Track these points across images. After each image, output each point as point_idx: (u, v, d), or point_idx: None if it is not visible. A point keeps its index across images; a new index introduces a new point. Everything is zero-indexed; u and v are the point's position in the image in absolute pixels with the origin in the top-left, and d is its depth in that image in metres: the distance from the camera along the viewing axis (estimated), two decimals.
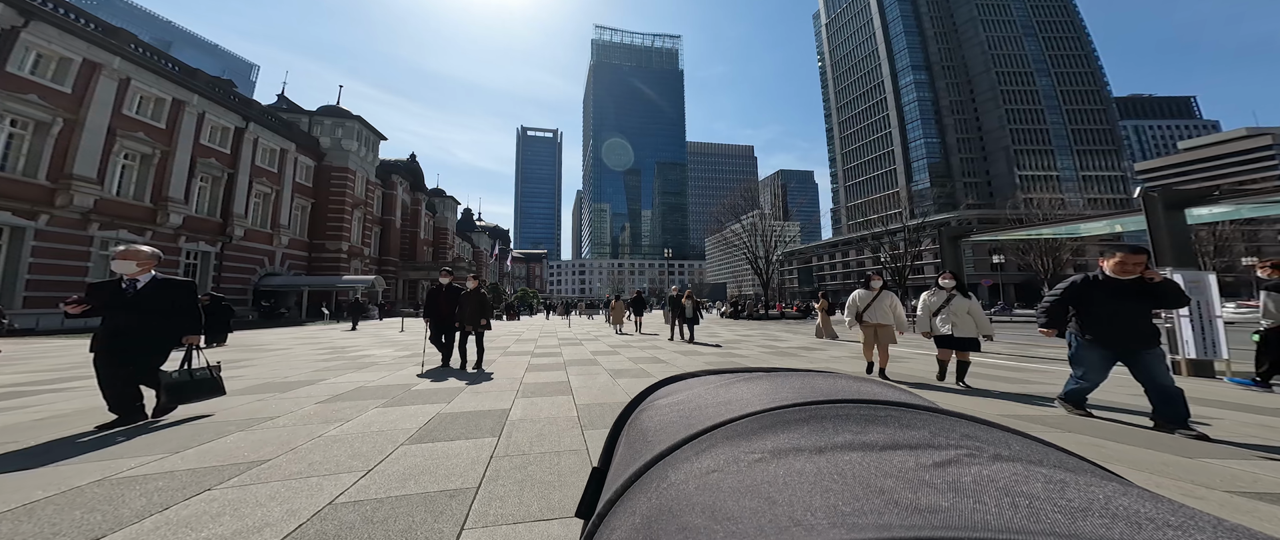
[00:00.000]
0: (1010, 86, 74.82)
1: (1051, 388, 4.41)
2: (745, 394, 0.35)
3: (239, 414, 3.45)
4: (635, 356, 7.70)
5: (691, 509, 0.23)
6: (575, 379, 5.34)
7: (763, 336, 12.41)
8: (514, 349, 8.80)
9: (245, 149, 23.26)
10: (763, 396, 0.33)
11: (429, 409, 3.66)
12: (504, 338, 11.39)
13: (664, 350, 8.70)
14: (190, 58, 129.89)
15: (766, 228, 30.04)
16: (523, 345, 9.60)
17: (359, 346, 9.07)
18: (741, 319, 23.75)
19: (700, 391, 0.39)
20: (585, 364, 6.69)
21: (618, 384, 5.03)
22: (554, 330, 15.00)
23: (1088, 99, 76.83)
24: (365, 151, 33.19)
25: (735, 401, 0.34)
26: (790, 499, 0.21)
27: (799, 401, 0.30)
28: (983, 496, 0.22)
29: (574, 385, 4.92)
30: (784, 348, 9.30)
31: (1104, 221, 6.98)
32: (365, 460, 2.43)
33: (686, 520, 0.22)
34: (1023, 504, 0.21)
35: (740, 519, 0.20)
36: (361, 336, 11.81)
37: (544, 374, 5.71)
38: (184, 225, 19.77)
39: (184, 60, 21.42)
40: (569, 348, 9.05)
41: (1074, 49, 78.57)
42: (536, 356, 7.65)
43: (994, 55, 75.48)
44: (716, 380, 0.40)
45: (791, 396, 0.32)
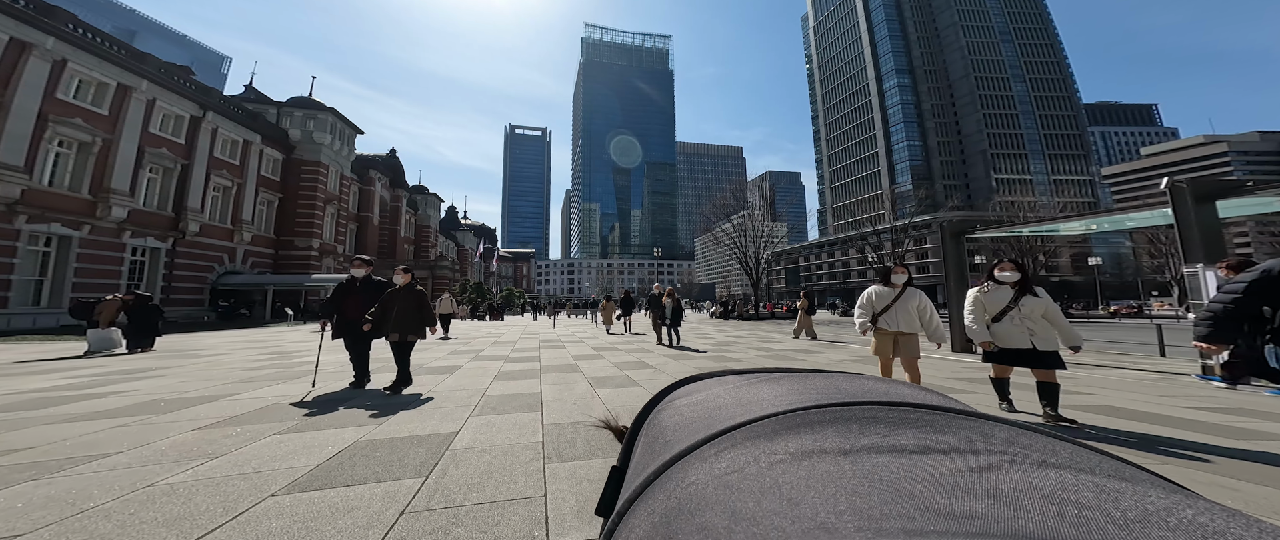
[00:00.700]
0: (988, 91, 76.97)
1: (1212, 424, 3.25)
2: (767, 394, 0.34)
3: (60, 451, 2.56)
4: (621, 361, 6.95)
5: (711, 508, 0.22)
6: (549, 390, 4.56)
7: (755, 338, 11.81)
8: (488, 353, 7.94)
9: (202, 139, 21.60)
10: (785, 397, 0.32)
11: (346, 435, 2.84)
12: (480, 340, 10.51)
13: (652, 354, 7.98)
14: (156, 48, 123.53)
15: (755, 227, 29.74)
16: (499, 348, 8.74)
17: (306, 351, 8.07)
18: (731, 319, 23.23)
19: (720, 391, 0.38)
20: (564, 370, 5.91)
21: (598, 396, 4.27)
22: (537, 331, 14.13)
23: (1059, 105, 79.65)
24: (340, 145, 31.55)
25: (756, 402, 0.33)
26: (814, 501, 0.21)
27: (823, 403, 0.28)
28: (1024, 503, 0.20)
29: (546, 397, 4.15)
30: (778, 351, 8.68)
31: (1135, 214, 6.57)
32: (188, 530, 1.61)
33: (706, 520, 0.21)
34: (1070, 513, 0.19)
35: (761, 520, 0.20)
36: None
37: (514, 383, 4.91)
38: (129, 219, 18.12)
39: (149, 51, 19.75)
40: (549, 351, 8.25)
41: (1047, 56, 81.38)
42: (511, 361, 6.82)
43: (973, 60, 77.53)
44: (737, 380, 0.39)
45: (815, 397, 0.31)
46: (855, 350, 8.35)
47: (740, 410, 0.32)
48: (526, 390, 4.51)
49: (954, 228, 7.73)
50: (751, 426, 0.28)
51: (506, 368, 6.14)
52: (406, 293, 4.40)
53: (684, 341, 10.36)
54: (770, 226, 31.05)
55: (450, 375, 5.41)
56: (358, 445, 2.64)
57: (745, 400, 0.34)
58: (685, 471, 0.26)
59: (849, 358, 7.27)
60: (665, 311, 9.04)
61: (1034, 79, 79.43)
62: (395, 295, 4.37)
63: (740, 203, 32.50)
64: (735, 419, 0.30)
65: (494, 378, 5.28)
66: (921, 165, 77.51)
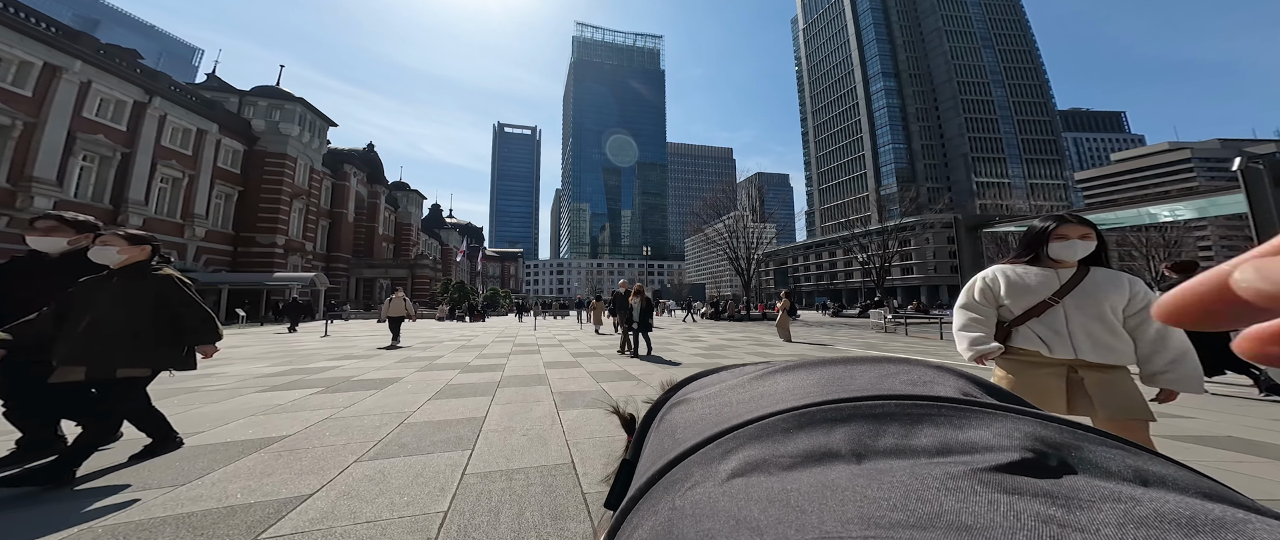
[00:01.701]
0: (969, 95, 78.58)
1: None
2: (780, 388, 0.32)
3: None
4: (600, 370, 5.94)
5: (715, 514, 0.21)
6: (499, 413, 3.52)
7: (749, 341, 10.94)
8: (446, 361, 6.83)
9: (147, 126, 19.77)
10: (799, 391, 0.30)
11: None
12: (445, 344, 9.36)
13: (637, 363, 6.99)
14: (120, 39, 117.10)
15: (743, 229, 29.22)
16: (463, 354, 7.62)
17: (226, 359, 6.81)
18: (722, 320, 22.42)
19: (733, 384, 0.37)
20: (528, 383, 4.86)
21: (561, 420, 3.25)
22: (515, 333, 12.99)
23: (1036, 110, 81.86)
24: (309, 137, 29.70)
25: (768, 396, 0.31)
26: (821, 509, 0.19)
27: (839, 398, 0.27)
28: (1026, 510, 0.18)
29: (490, 425, 3.11)
30: (776, 355, 7.78)
31: (1195, 201, 5.87)
32: None
33: (709, 526, 0.20)
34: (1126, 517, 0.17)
35: (765, 529, 0.19)
36: (254, 345, 9.39)
37: (456, 403, 3.85)
38: (56, 211, 16.24)
39: (112, 40, 17.92)
40: (521, 357, 7.18)
41: (1026, 61, 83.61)
42: (469, 370, 5.74)
43: (956, 65, 79.09)
44: (752, 371, 0.38)
45: (832, 390, 0.29)
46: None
47: (752, 405, 0.30)
48: (467, 414, 3.46)
49: (970, 221, 7.03)
50: (760, 424, 0.27)
51: (459, 379, 5.06)
52: (124, 285, 2.17)
53: (672, 345, 9.38)
54: (761, 227, 30.49)
55: (377, 392, 4.30)
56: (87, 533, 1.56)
57: (758, 395, 0.32)
58: (691, 472, 0.26)
59: None
60: (632, 313, 7.47)
61: (1013, 84, 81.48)
62: (92, 289, 2.15)
63: (731, 202, 31.89)
64: (744, 415, 0.28)
65: (433, 394, 4.20)
66: (906, 168, 78.63)
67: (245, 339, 11.17)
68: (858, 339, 11.35)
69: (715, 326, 17.31)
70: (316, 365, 6.23)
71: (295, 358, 7.09)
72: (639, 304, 7.47)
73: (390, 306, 9.43)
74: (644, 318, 7.50)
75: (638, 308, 7.46)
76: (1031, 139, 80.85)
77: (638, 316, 7.45)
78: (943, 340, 10.81)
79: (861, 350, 8.38)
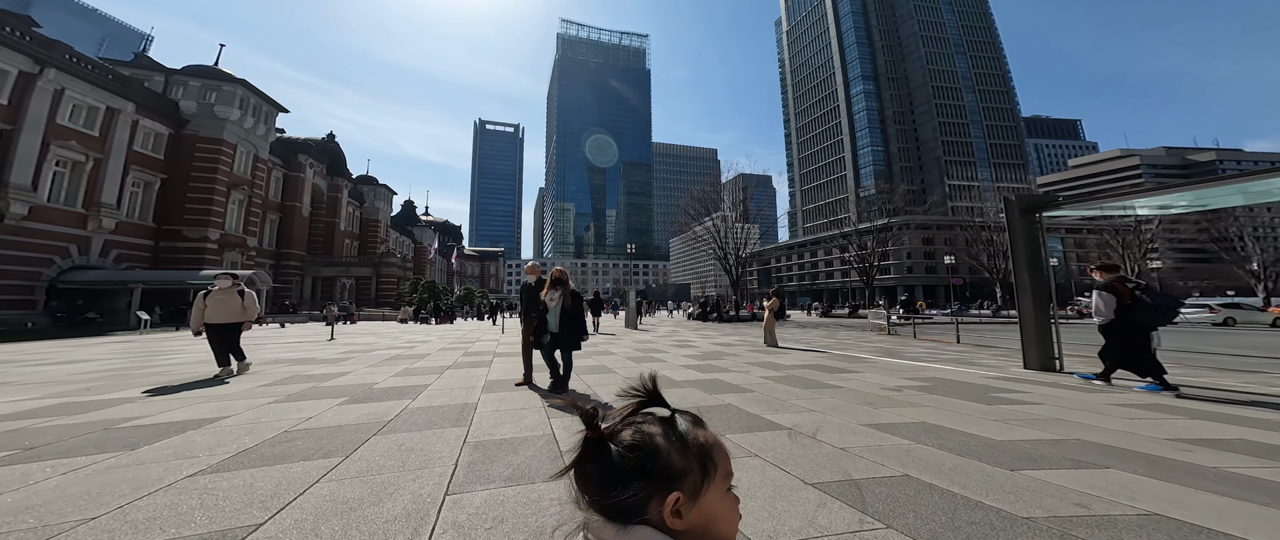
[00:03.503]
0: (943, 100, 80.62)
1: None
2: None
3: None
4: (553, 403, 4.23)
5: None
6: (319, 499, 1.76)
7: (744, 345, 9.46)
8: (338, 383, 4.98)
9: (36, 102, 16.76)
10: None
11: None
12: (377, 352, 7.45)
13: (605, 387, 5.33)
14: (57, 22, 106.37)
15: (729, 229, 28.18)
16: (381, 371, 5.77)
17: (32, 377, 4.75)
18: (711, 321, 21.00)
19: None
20: (435, 423, 3.13)
21: (437, 524, 1.52)
22: (475, 338, 11.09)
23: (1003, 116, 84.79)
24: (253, 123, 26.63)
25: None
26: None
27: None
28: None
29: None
30: (792, 371, 6.27)
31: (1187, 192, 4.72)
32: None
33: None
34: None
35: None
36: (114, 358, 7.20)
37: (246, 478, 2.07)
38: None
39: (47, 23, 14.82)
40: (459, 373, 5.40)
41: (994, 68, 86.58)
42: (361, 400, 3.94)
43: (931, 70, 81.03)
44: None
45: None
46: (895, 366, 6.11)
47: None
48: (227, 520, 1.70)
49: (1025, 201, 5.63)
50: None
51: (322, 419, 3.27)
52: None
53: (658, 353, 7.74)
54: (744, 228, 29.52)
55: (106, 459, 2.47)
56: None
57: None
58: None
59: (876, 374, 4.98)
60: (548, 317, 4.21)
61: (983, 91, 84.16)
62: None
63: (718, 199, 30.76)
64: None
65: (228, 456, 2.40)
66: (884, 170, 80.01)
67: (113, 350, 8.86)
68: (863, 342, 10.03)
69: (703, 328, 15.82)
70: (103, 400, 4.27)
71: (102, 380, 5.05)
72: (558, 303, 4.17)
73: (207, 308, 5.16)
74: (568, 327, 4.19)
75: (556, 310, 4.16)
76: (999, 144, 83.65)
77: (556, 323, 4.15)
78: (960, 344, 9.61)
79: (873, 356, 6.98)
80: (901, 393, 4.14)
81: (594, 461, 0.43)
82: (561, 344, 4.23)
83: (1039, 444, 2.56)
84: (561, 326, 4.20)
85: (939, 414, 3.30)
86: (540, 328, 4.28)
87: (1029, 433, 2.79)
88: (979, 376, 5.02)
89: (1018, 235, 5.65)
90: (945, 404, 3.64)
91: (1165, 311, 3.99)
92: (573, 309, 4.25)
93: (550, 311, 4.22)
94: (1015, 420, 3.11)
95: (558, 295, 4.22)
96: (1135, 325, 4.01)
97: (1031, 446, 2.51)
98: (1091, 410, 3.40)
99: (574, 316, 4.28)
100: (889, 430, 2.88)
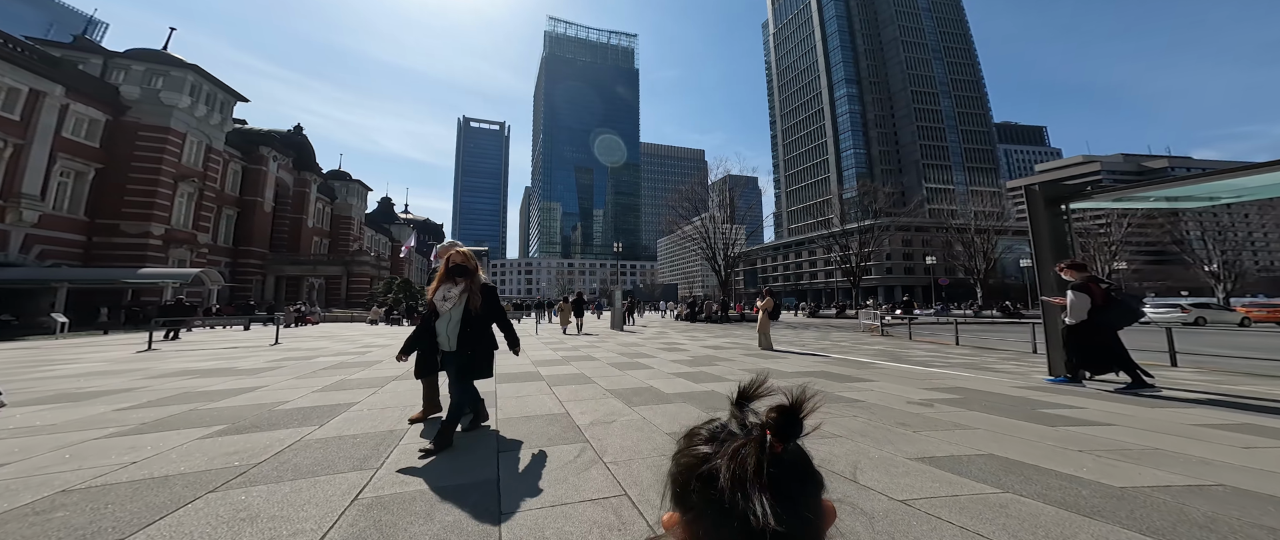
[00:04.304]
0: (922, 104, 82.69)
1: None
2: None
3: None
4: (506, 415, 3.36)
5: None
6: None
7: (737, 348, 8.73)
8: (233, 407, 3.97)
9: None
10: None
11: None
12: (320, 358, 6.36)
13: (579, 403, 4.49)
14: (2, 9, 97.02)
15: (717, 229, 27.75)
16: (322, 377, 4.75)
17: None
18: (699, 321, 20.31)
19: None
20: (338, 464, 2.20)
21: None
22: None
23: (977, 121, 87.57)
24: (207, 111, 24.57)
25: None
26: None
27: None
28: None
29: None
30: (781, 372, 5.54)
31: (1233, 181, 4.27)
32: None
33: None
34: None
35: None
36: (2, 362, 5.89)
37: None
38: None
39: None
40: (397, 386, 4.43)
41: (969, 74, 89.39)
42: (245, 431, 2.96)
43: (910, 75, 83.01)
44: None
45: None
46: (906, 371, 5.45)
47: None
48: None
49: (1050, 192, 5.05)
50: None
51: (125, 472, 2.32)
52: None
53: (645, 358, 6.88)
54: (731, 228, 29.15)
55: None
56: None
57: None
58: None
59: (890, 380, 4.30)
60: (438, 326, 2.58)
61: (958, 96, 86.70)
62: None
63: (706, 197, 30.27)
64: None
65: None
66: (866, 172, 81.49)
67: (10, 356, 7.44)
68: (859, 345, 9.45)
69: (692, 329, 15.07)
70: None
71: None
72: (457, 304, 2.53)
73: None
74: (471, 344, 2.55)
75: (453, 315, 2.53)
76: (972, 148, 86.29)
77: (451, 338, 2.52)
78: (960, 346, 9.13)
79: (877, 360, 6.34)
80: (934, 408, 3.43)
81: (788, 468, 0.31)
82: (457, 370, 2.49)
83: (1178, 493, 1.83)
84: (460, 342, 2.50)
85: (1001, 441, 2.57)
86: (418, 342, 2.64)
87: (1144, 473, 2.06)
88: (1008, 385, 4.38)
89: (1042, 229, 5.07)
90: (997, 425, 2.94)
91: (1135, 312, 4.13)
92: (481, 315, 2.56)
93: (442, 318, 2.53)
94: (1104, 451, 2.40)
95: (457, 292, 2.52)
96: (1104, 325, 4.07)
97: (1171, 498, 1.77)
98: (1179, 435, 2.74)
99: (480, 329, 2.57)
100: (951, 467, 2.13)
